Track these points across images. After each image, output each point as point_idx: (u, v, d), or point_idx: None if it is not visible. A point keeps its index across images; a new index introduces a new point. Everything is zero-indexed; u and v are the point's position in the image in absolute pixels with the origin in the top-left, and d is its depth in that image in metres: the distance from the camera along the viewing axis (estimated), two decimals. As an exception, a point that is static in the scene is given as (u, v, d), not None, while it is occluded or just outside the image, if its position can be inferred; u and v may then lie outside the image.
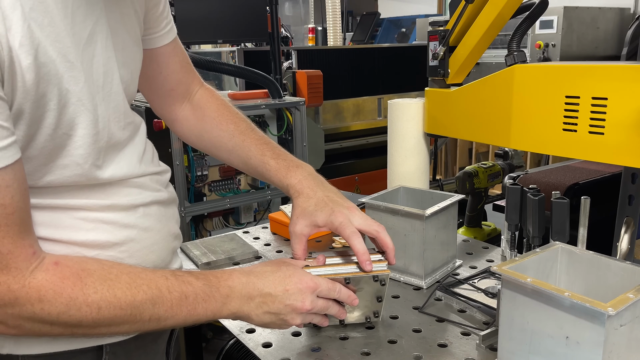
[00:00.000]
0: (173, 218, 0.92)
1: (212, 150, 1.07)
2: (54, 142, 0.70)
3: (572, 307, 0.74)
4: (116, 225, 0.79)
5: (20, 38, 0.62)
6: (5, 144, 0.62)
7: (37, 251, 0.68)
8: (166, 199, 0.90)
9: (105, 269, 0.71)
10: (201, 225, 2.57)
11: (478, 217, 2.15)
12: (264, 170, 1.01)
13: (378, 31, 6.19)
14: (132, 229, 0.81)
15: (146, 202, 0.84)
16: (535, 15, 1.32)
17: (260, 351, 0.95)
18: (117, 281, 0.71)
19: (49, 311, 0.66)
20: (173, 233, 0.92)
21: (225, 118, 1.06)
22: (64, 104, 0.69)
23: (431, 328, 1.01)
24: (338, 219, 0.91)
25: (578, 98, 1.13)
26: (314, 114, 3.28)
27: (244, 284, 0.81)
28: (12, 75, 0.63)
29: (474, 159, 4.71)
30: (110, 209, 0.79)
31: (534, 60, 3.42)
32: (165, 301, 0.73)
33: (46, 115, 0.68)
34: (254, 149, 1.02)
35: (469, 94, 1.37)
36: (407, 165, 1.52)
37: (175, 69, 1.03)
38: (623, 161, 1.09)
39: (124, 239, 0.80)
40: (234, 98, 2.64)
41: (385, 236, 0.93)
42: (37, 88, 0.65)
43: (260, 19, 2.66)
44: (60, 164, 0.72)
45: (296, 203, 0.96)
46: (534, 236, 1.10)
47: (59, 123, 0.69)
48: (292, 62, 3.10)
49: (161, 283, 0.74)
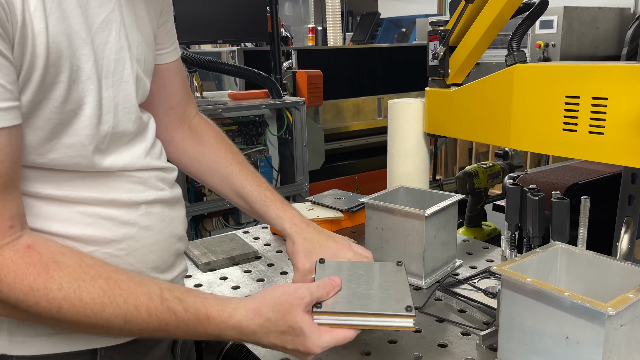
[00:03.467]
0: (178, 219, 0.91)
1: (205, 175, 1.07)
2: (60, 116, 0.69)
3: (572, 307, 0.74)
4: (115, 221, 0.77)
5: (35, 2, 0.63)
6: (5, 106, 0.62)
7: (15, 225, 0.65)
8: (170, 199, 0.89)
9: (83, 267, 0.67)
10: (201, 225, 2.57)
11: (478, 217, 2.16)
12: (257, 200, 1.01)
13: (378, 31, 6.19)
14: (132, 226, 0.79)
15: (149, 200, 0.83)
16: (535, 15, 1.32)
17: (260, 351, 0.95)
18: (90, 284, 0.66)
19: (7, 294, 0.63)
20: (177, 234, 0.90)
21: (223, 146, 1.07)
22: (74, 80, 0.69)
23: (431, 328, 1.01)
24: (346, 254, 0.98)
25: (578, 98, 1.13)
26: (314, 114, 3.27)
27: (241, 333, 0.74)
28: (23, 38, 0.63)
29: (474, 159, 4.71)
30: (110, 204, 0.77)
31: (534, 60, 3.42)
32: (140, 322, 0.68)
33: (55, 87, 0.68)
34: (250, 179, 1.03)
35: (469, 94, 1.37)
36: (407, 165, 1.52)
37: (178, 87, 1.03)
38: (623, 161, 1.09)
39: (123, 236, 0.78)
40: (234, 98, 2.64)
41: None
42: (48, 56, 0.65)
43: (260, 19, 2.66)
44: (65, 142, 0.71)
45: (295, 238, 0.98)
46: (534, 236, 1.10)
47: (68, 98, 0.69)
48: (292, 62, 3.09)
49: (141, 302, 0.68)
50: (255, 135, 2.69)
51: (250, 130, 2.67)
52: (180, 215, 0.92)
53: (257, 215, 1.04)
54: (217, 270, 1.30)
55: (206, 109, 2.33)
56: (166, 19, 0.96)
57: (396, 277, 0.90)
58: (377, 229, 1.22)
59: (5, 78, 0.61)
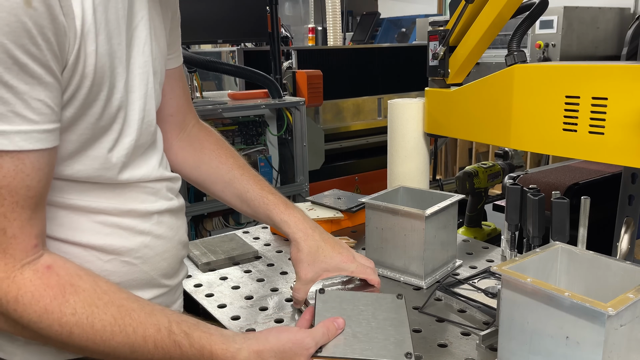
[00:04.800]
0: (182, 227, 0.93)
1: (206, 182, 1.07)
2: (93, 131, 0.71)
3: (572, 307, 0.74)
4: (132, 231, 0.79)
5: (89, 24, 0.65)
6: (52, 127, 0.63)
7: (38, 244, 0.66)
8: (177, 208, 0.91)
9: (97, 292, 0.67)
10: (201, 225, 2.57)
11: (478, 217, 2.16)
12: (261, 203, 1.02)
13: (378, 31, 6.19)
14: (147, 235, 0.81)
15: (160, 210, 0.85)
16: (535, 15, 1.32)
17: (260, 351, 0.95)
18: (102, 311, 0.66)
19: (21, 314, 0.63)
20: (182, 241, 0.92)
21: (224, 152, 1.07)
22: (109, 97, 0.71)
23: (431, 328, 1.01)
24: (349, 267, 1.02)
25: (578, 98, 1.13)
26: (314, 114, 3.27)
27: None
28: (77, 60, 0.64)
29: (474, 159, 4.71)
30: (128, 214, 0.79)
31: (534, 60, 3.42)
32: (146, 353, 0.69)
33: (94, 105, 0.69)
34: (252, 183, 1.03)
35: (469, 94, 1.37)
36: (407, 165, 1.52)
37: (178, 94, 1.03)
38: (623, 161, 1.09)
39: (139, 245, 0.80)
40: (234, 98, 2.64)
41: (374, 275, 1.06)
42: (94, 77, 0.67)
43: (260, 19, 2.66)
44: (91, 154, 0.73)
45: (300, 245, 0.99)
46: (534, 236, 1.10)
47: (103, 114, 0.71)
48: (292, 62, 3.09)
49: (150, 333, 0.69)
50: (255, 135, 2.69)
51: (250, 130, 2.67)
52: (184, 223, 0.94)
53: (262, 220, 1.05)
54: (217, 270, 1.30)
55: (206, 109, 2.33)
56: (175, 25, 0.97)
57: (396, 314, 0.93)
58: (377, 229, 1.22)
59: (54, 100, 0.62)
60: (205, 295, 1.17)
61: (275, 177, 2.77)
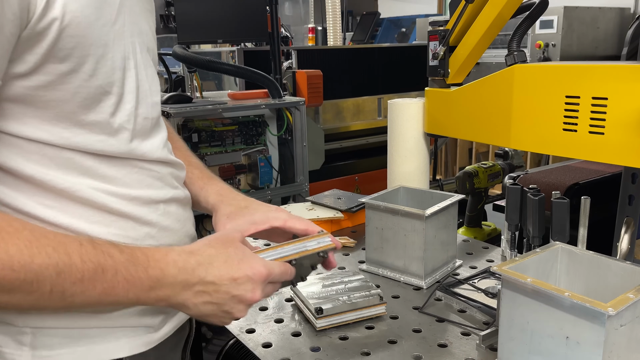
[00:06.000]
0: (190, 220, 0.89)
1: None
2: (88, 90, 0.70)
3: (572, 307, 0.74)
4: (138, 221, 0.77)
5: None
6: None
7: None
8: (184, 198, 0.88)
9: (5, 220, 0.62)
10: (201, 225, 2.57)
11: (478, 217, 2.16)
12: (186, 180, 0.93)
13: (378, 31, 6.18)
14: (153, 226, 0.79)
15: (166, 199, 0.82)
16: (535, 15, 1.32)
17: (260, 351, 0.95)
18: (15, 236, 0.60)
19: None
20: (190, 235, 0.88)
21: None
22: (102, 55, 0.70)
23: (431, 328, 1.01)
24: (280, 215, 0.90)
25: (578, 98, 1.13)
26: (314, 114, 3.27)
27: (182, 269, 0.69)
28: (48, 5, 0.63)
29: (474, 159, 4.71)
30: (134, 201, 0.76)
31: (534, 60, 3.42)
32: (75, 271, 0.62)
33: (87, 60, 0.68)
34: (178, 156, 0.94)
35: (469, 94, 1.37)
36: (407, 165, 1.52)
37: None
38: (623, 161, 1.09)
39: (144, 236, 0.78)
40: (234, 98, 2.64)
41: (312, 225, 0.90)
42: (79, 27, 0.66)
43: (260, 19, 2.66)
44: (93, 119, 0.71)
45: (218, 208, 0.91)
46: (534, 236, 1.10)
47: (96, 72, 0.70)
48: (292, 62, 3.09)
49: (72, 248, 0.63)
50: (255, 135, 2.69)
51: (250, 130, 2.66)
52: (191, 216, 0.91)
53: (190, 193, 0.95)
54: (217, 270, 1.30)
55: (206, 109, 2.33)
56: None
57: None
58: (377, 229, 1.22)
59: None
60: (205, 295, 1.17)
61: (275, 177, 2.77)
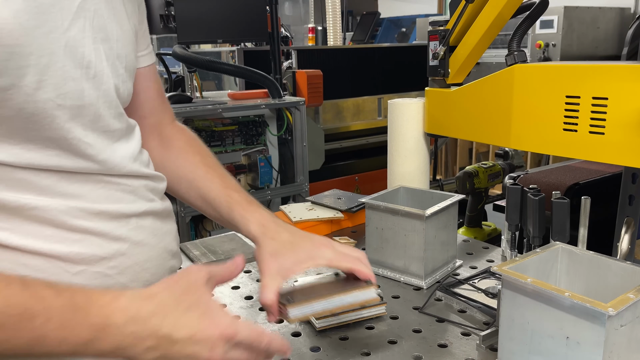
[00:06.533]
0: (170, 234, 0.84)
1: (172, 182, 0.93)
2: (36, 105, 0.63)
3: (572, 307, 0.74)
4: (105, 237, 0.71)
5: None
6: None
7: None
8: (162, 211, 0.83)
9: None
10: (201, 226, 2.57)
11: (478, 217, 2.16)
12: (223, 202, 0.88)
13: (378, 31, 6.18)
14: (124, 242, 0.73)
15: (140, 212, 0.77)
16: (535, 15, 1.32)
17: (260, 351, 0.95)
18: None
19: None
20: (170, 250, 0.83)
21: (192, 149, 0.97)
22: (47, 65, 0.64)
23: (431, 328, 1.01)
24: (325, 253, 0.82)
25: (578, 98, 1.13)
26: (314, 114, 3.27)
27: (132, 318, 0.59)
28: None
29: (474, 159, 4.71)
30: (99, 216, 0.71)
31: (534, 60, 3.42)
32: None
33: (26, 72, 0.62)
34: (217, 182, 0.91)
35: (469, 94, 1.37)
36: (407, 165, 1.52)
37: (151, 95, 0.95)
38: (623, 161, 1.09)
39: (114, 253, 0.72)
40: (234, 98, 2.64)
41: (362, 265, 0.82)
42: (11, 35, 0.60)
43: (260, 19, 2.66)
44: (48, 135, 0.65)
45: (261, 241, 0.84)
46: (534, 236, 1.09)
47: (42, 84, 0.63)
48: (292, 62, 3.09)
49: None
50: (255, 135, 2.69)
51: (250, 130, 2.67)
52: (173, 229, 0.85)
53: (225, 222, 0.90)
54: (217, 271, 1.30)
55: (206, 109, 2.33)
56: (142, 19, 0.90)
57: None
58: (377, 229, 1.22)
59: None
60: (205, 295, 1.17)
61: (275, 177, 2.77)
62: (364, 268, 0.82)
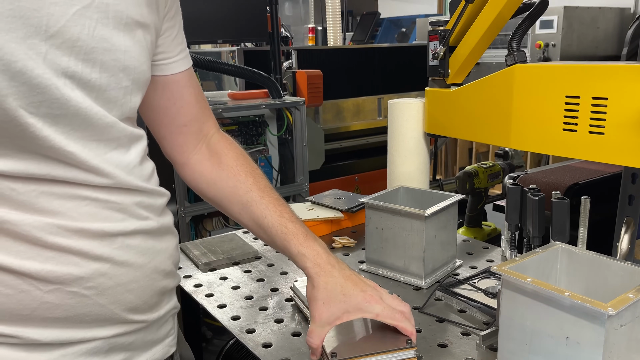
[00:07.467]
0: (165, 252, 0.80)
1: (223, 201, 0.95)
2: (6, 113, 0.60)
3: (572, 307, 0.74)
4: (84, 256, 0.68)
5: None
6: None
7: None
8: (156, 229, 0.79)
9: None
10: (201, 226, 2.57)
11: (478, 217, 2.16)
12: (279, 232, 0.90)
13: (378, 31, 6.18)
14: (105, 261, 0.70)
15: (127, 231, 0.73)
16: (535, 15, 1.32)
17: (260, 351, 0.95)
18: None
19: None
20: (162, 270, 0.79)
21: (244, 169, 0.95)
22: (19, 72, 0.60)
23: (431, 328, 1.01)
24: (374, 309, 0.85)
25: (578, 98, 1.13)
26: (314, 114, 3.27)
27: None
28: None
29: (474, 159, 4.70)
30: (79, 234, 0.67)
31: (534, 60, 3.42)
32: None
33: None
34: (271, 208, 0.92)
35: (469, 94, 1.37)
36: (407, 165, 1.52)
37: (190, 101, 0.93)
38: (623, 161, 1.09)
39: (92, 273, 0.68)
40: (234, 98, 2.64)
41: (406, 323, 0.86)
42: None
43: (260, 19, 2.66)
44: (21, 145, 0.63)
45: (315, 281, 0.86)
46: (534, 236, 1.10)
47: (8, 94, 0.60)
48: (292, 62, 3.09)
49: None
50: (255, 135, 2.69)
51: (250, 130, 2.66)
52: (169, 247, 0.82)
53: (279, 249, 0.93)
54: (217, 270, 1.30)
55: (206, 109, 2.33)
56: (172, 24, 0.87)
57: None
58: (377, 229, 1.22)
59: None
60: (205, 295, 1.17)
61: (275, 177, 2.77)
62: (408, 325, 0.85)
